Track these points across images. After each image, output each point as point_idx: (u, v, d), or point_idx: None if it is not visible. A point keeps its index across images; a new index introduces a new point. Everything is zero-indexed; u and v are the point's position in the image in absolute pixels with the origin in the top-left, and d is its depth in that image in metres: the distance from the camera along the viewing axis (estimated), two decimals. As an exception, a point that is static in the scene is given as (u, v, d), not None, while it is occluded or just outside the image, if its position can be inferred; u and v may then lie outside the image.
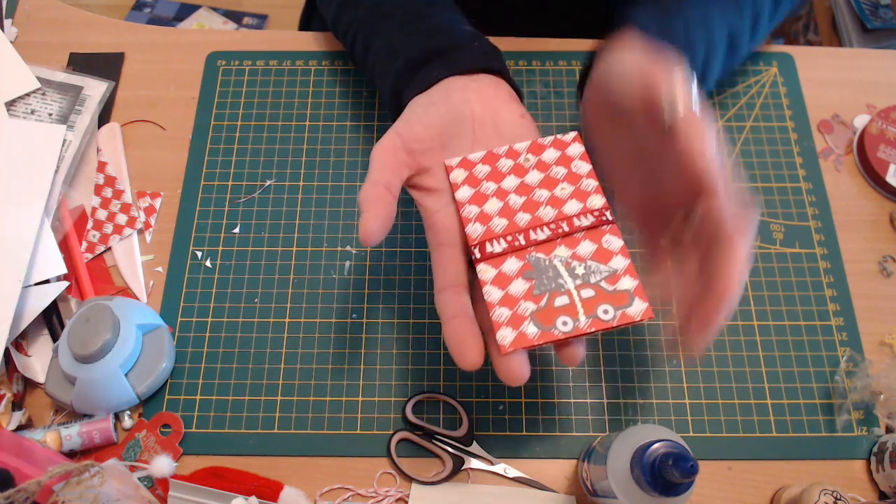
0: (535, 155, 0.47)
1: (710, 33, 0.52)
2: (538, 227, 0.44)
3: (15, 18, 0.74)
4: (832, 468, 0.55)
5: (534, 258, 0.44)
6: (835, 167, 0.67)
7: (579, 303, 0.42)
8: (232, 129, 0.68)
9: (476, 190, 0.46)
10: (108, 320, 0.53)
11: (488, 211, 0.45)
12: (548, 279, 0.43)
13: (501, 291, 0.43)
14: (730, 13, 0.55)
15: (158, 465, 0.51)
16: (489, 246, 0.44)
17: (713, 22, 0.53)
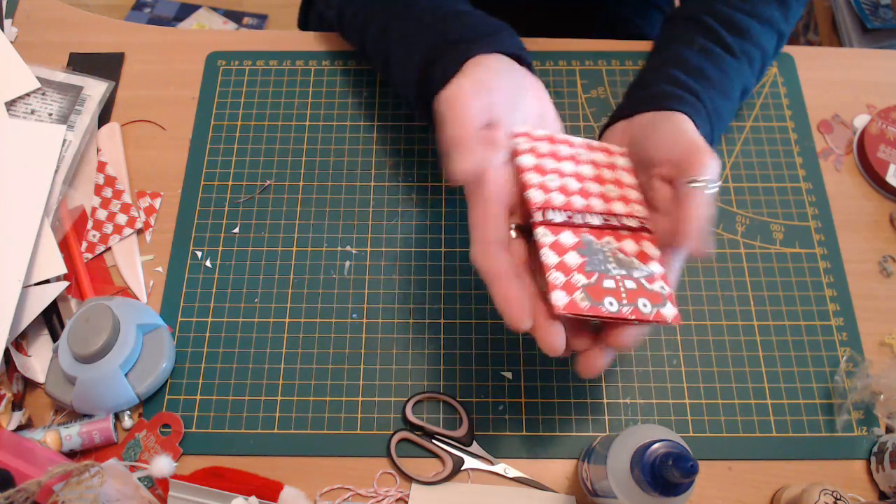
0: (587, 151, 0.50)
1: (731, 102, 0.59)
2: (591, 213, 0.47)
3: (15, 18, 0.74)
4: (832, 468, 0.55)
5: (587, 238, 0.46)
6: (835, 167, 0.67)
7: (623, 290, 0.44)
8: (232, 129, 0.68)
9: (538, 162, 0.47)
10: (108, 320, 0.53)
11: (548, 184, 0.47)
12: (598, 261, 0.45)
13: (558, 257, 0.44)
14: (745, 74, 0.59)
15: (158, 465, 0.51)
16: (549, 213, 0.46)
17: (734, 94, 0.59)
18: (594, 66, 0.71)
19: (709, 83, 0.56)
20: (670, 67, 0.57)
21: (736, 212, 0.64)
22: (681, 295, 0.61)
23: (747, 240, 0.63)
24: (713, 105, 0.55)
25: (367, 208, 0.64)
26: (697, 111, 0.53)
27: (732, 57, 0.59)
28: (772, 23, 0.61)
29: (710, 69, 0.57)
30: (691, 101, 0.54)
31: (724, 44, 0.59)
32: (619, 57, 0.71)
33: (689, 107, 0.53)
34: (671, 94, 0.54)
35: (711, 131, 0.55)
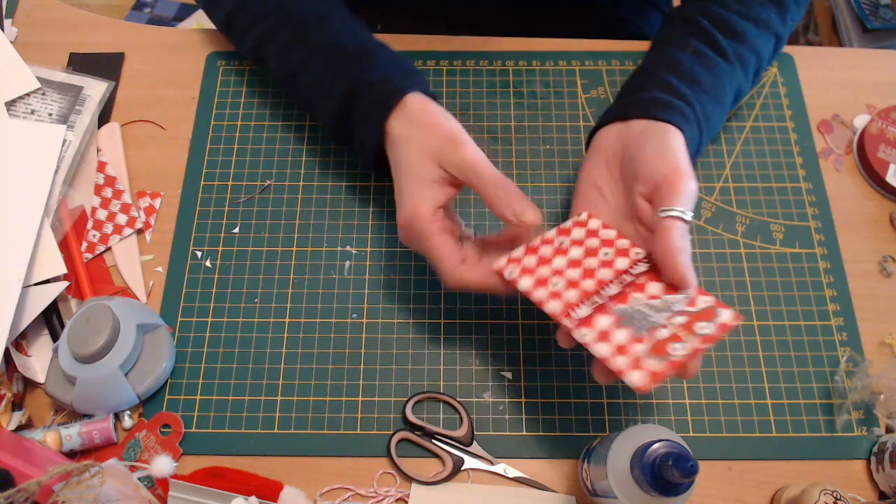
0: (566, 236, 0.51)
1: (723, 107, 0.59)
2: (605, 285, 0.48)
3: (15, 18, 0.74)
4: (832, 468, 0.55)
5: (619, 309, 0.47)
6: (835, 167, 0.67)
7: (679, 330, 0.45)
8: (232, 129, 0.68)
9: (535, 277, 0.49)
10: (108, 320, 0.53)
11: (555, 289, 0.48)
12: (640, 322, 0.46)
13: (609, 345, 0.45)
14: (738, 78, 0.60)
15: (158, 465, 0.51)
16: (574, 312, 0.47)
17: (726, 98, 0.59)
18: (594, 66, 0.71)
19: (700, 88, 0.57)
20: (663, 71, 0.58)
21: (736, 212, 0.64)
22: (681, 295, 0.61)
23: (747, 240, 0.63)
24: (703, 110, 0.56)
25: (367, 208, 0.64)
26: (687, 119, 0.54)
27: (725, 61, 0.59)
28: (768, 25, 0.61)
29: (702, 73, 0.57)
30: (681, 108, 0.54)
31: (718, 47, 0.59)
32: (619, 57, 0.71)
33: (679, 116, 0.53)
34: (663, 102, 0.54)
35: (700, 136, 0.55)
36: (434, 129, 0.52)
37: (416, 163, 0.51)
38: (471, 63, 0.71)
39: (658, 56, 0.61)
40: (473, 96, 0.69)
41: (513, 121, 0.68)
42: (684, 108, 0.54)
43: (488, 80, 0.70)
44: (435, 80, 0.70)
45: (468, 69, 0.71)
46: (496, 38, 0.72)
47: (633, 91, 0.58)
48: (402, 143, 0.53)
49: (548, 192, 0.65)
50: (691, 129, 0.54)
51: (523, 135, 0.68)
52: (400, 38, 0.72)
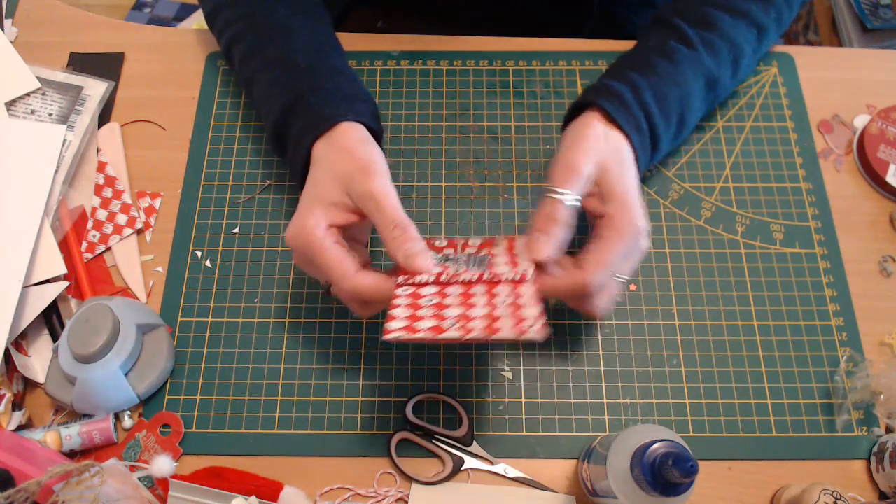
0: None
1: (684, 89, 0.59)
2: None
3: (15, 18, 0.74)
4: (832, 468, 0.55)
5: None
6: (835, 167, 0.67)
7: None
8: (232, 129, 0.68)
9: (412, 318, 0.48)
10: (108, 320, 0.53)
11: (429, 314, 0.48)
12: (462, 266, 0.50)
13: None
14: (705, 63, 0.60)
15: (158, 465, 0.51)
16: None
17: (690, 83, 0.59)
18: (594, 66, 0.71)
19: (652, 72, 0.57)
20: (621, 63, 0.60)
21: (736, 212, 0.64)
22: (681, 295, 0.61)
23: (747, 240, 0.63)
24: (654, 92, 0.56)
25: (367, 208, 0.64)
26: (623, 101, 0.55)
27: (688, 47, 0.59)
28: (748, 16, 0.61)
29: (657, 60, 0.58)
30: (619, 91, 0.55)
31: (682, 36, 0.60)
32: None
33: (611, 98, 0.55)
34: (603, 86, 0.56)
35: (648, 117, 0.56)
36: (350, 154, 0.51)
37: (322, 183, 0.51)
38: (471, 63, 0.71)
39: (625, 54, 0.62)
40: (473, 96, 0.69)
41: (513, 121, 0.68)
42: (622, 89, 0.56)
43: (488, 80, 0.70)
44: (435, 80, 0.70)
45: (468, 69, 0.71)
46: (496, 38, 0.72)
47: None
48: (316, 163, 0.52)
49: (548, 192, 0.65)
50: (628, 111, 0.55)
51: (523, 135, 0.68)
52: (400, 38, 0.72)
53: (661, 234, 0.63)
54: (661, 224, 0.64)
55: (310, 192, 0.51)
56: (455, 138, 0.67)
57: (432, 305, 0.47)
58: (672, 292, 0.61)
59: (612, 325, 0.60)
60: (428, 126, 0.68)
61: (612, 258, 0.49)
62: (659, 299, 0.61)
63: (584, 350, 0.59)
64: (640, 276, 0.61)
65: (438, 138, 0.67)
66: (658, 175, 0.66)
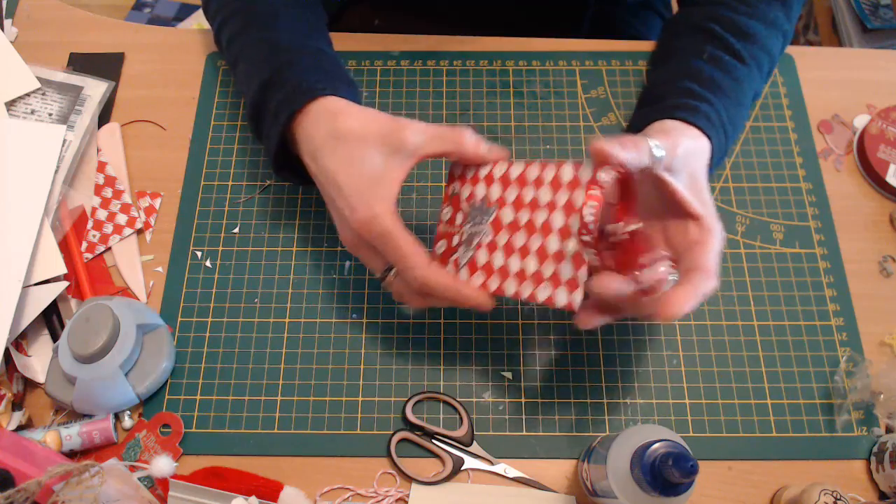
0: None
1: (744, 109, 0.59)
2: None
3: (15, 18, 0.74)
4: (832, 468, 0.55)
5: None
6: (835, 167, 0.67)
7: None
8: (232, 129, 0.68)
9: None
10: (108, 320, 0.53)
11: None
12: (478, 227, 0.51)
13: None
14: (755, 79, 0.60)
15: (158, 465, 0.51)
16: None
17: (747, 101, 0.60)
18: (594, 66, 0.71)
19: (722, 93, 0.56)
20: (684, 79, 0.57)
21: (736, 212, 0.64)
22: (681, 295, 0.61)
23: (747, 240, 0.63)
24: (728, 115, 0.55)
25: (367, 208, 0.64)
26: (713, 123, 0.53)
27: (742, 64, 0.59)
28: (776, 24, 0.61)
29: (722, 79, 0.57)
30: (707, 111, 0.54)
31: (733, 51, 0.59)
32: (619, 57, 0.71)
33: (705, 119, 0.53)
34: (689, 106, 0.54)
35: (726, 140, 0.55)
36: (366, 116, 0.50)
37: (359, 158, 0.48)
38: (471, 63, 0.71)
39: (674, 66, 0.60)
40: (473, 96, 0.69)
41: (513, 121, 0.68)
42: (709, 111, 0.54)
43: (488, 80, 0.70)
44: (435, 80, 0.70)
45: (468, 69, 0.71)
46: (496, 38, 0.72)
47: (651, 103, 0.58)
48: (332, 143, 0.49)
49: (548, 192, 0.65)
50: (717, 134, 0.54)
51: (523, 135, 0.68)
52: (400, 38, 0.72)
53: (661, 234, 0.63)
54: (661, 224, 0.63)
55: (354, 172, 0.48)
56: (455, 138, 0.67)
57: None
58: (672, 292, 0.61)
59: (612, 325, 0.59)
60: (428, 126, 0.68)
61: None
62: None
63: (584, 350, 0.59)
64: (640, 276, 0.61)
65: (438, 138, 0.67)
66: (658, 175, 0.66)
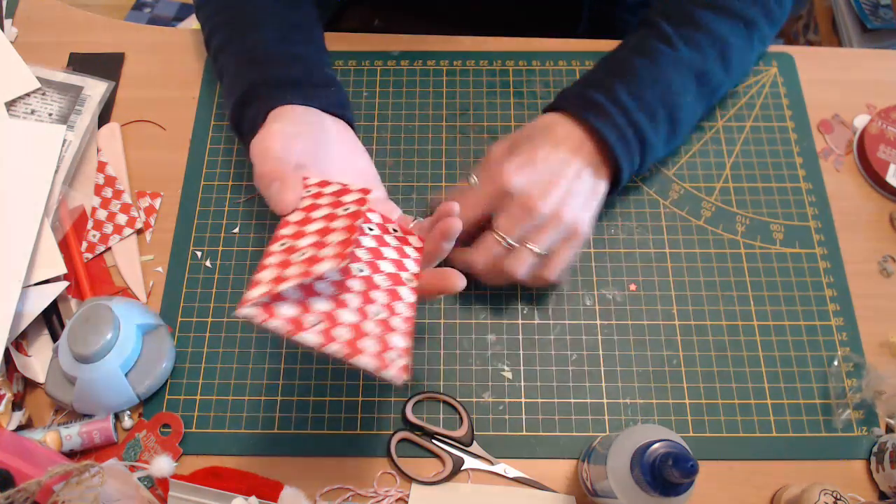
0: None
1: (666, 87, 0.59)
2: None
3: (15, 18, 0.74)
4: (832, 468, 0.55)
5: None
6: (835, 167, 0.67)
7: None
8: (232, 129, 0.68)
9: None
10: (108, 320, 0.53)
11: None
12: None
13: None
14: (692, 59, 0.60)
15: (158, 465, 0.51)
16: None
17: (676, 80, 0.59)
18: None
19: (631, 74, 0.58)
20: (596, 68, 0.61)
21: (736, 212, 0.64)
22: (681, 295, 0.61)
23: (747, 240, 0.63)
24: (632, 91, 0.57)
25: (367, 208, 0.64)
26: (588, 105, 0.57)
27: (668, 46, 0.60)
28: (730, 9, 0.61)
29: (638, 61, 0.59)
30: (591, 95, 0.57)
31: (661, 34, 0.60)
32: (619, 57, 0.71)
33: (574, 100, 0.58)
34: (574, 92, 0.59)
35: (627, 115, 0.57)
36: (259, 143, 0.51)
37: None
38: (471, 63, 0.71)
39: (606, 57, 0.63)
40: (473, 96, 0.69)
41: (513, 121, 0.68)
42: (595, 94, 0.57)
43: (488, 80, 0.70)
44: (435, 80, 0.70)
45: (468, 69, 0.71)
46: (496, 38, 0.72)
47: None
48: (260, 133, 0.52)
49: (548, 192, 0.65)
50: (599, 113, 0.56)
51: (523, 135, 0.68)
52: (399, 38, 0.72)
53: (661, 234, 0.63)
54: (661, 224, 0.64)
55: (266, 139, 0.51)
56: (455, 138, 0.67)
57: (298, 284, 0.41)
58: (672, 292, 0.61)
59: (612, 325, 0.60)
60: (428, 126, 0.68)
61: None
62: (659, 299, 0.61)
63: (584, 350, 0.59)
64: (640, 275, 0.61)
65: (438, 138, 0.67)
66: (658, 175, 0.66)
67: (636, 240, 0.63)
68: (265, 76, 0.55)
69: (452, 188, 0.58)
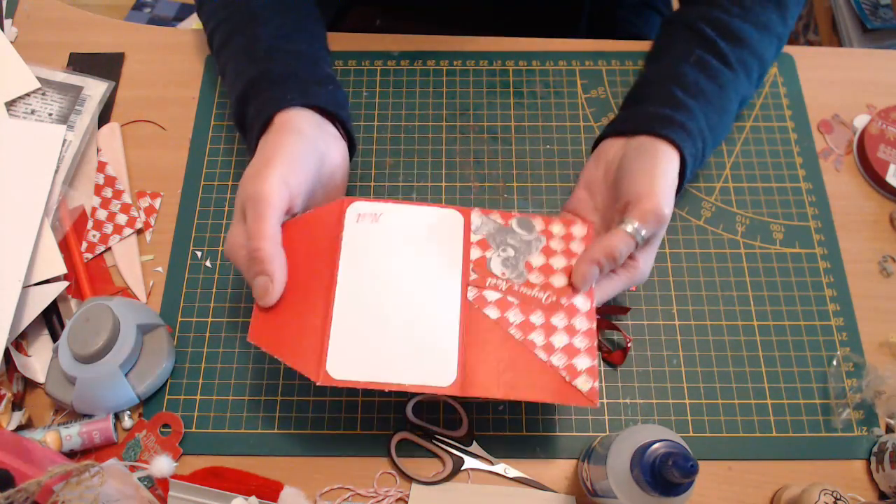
0: None
1: (728, 116, 0.60)
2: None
3: (15, 18, 0.74)
4: (832, 468, 0.55)
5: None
6: (835, 167, 0.67)
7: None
8: (232, 129, 0.68)
9: None
10: (108, 320, 0.53)
11: None
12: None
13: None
14: (742, 85, 0.60)
15: (158, 465, 0.51)
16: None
17: (731, 107, 0.60)
18: (594, 66, 0.71)
19: (705, 99, 0.57)
20: (668, 83, 0.58)
21: (736, 212, 0.64)
22: (681, 295, 0.61)
23: (747, 240, 0.63)
24: (708, 122, 0.56)
25: (367, 208, 0.64)
26: (690, 133, 0.54)
27: (729, 69, 0.59)
28: (770, 28, 0.61)
29: (706, 84, 0.58)
30: (683, 122, 0.54)
31: (721, 55, 0.59)
32: (619, 57, 0.71)
33: (681, 131, 0.54)
34: (666, 117, 0.55)
35: (703, 148, 0.56)
36: (261, 149, 0.51)
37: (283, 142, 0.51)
38: (471, 63, 0.71)
39: (662, 66, 0.61)
40: (473, 96, 0.69)
41: (513, 121, 0.68)
42: (686, 122, 0.54)
43: (488, 80, 0.70)
44: (435, 80, 0.70)
45: (468, 69, 0.71)
46: (496, 38, 0.72)
47: (637, 102, 0.59)
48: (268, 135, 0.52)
49: (548, 192, 0.65)
50: (692, 143, 0.54)
51: (523, 135, 0.68)
52: (400, 38, 0.72)
53: (661, 234, 0.63)
54: (661, 224, 0.64)
55: (268, 149, 0.51)
56: (455, 138, 0.67)
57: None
58: (672, 292, 0.61)
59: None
60: (428, 126, 0.68)
61: (610, 297, 0.53)
62: (659, 299, 0.61)
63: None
64: (640, 276, 0.61)
65: (438, 138, 0.67)
66: (658, 175, 0.66)
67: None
68: (265, 72, 0.55)
69: None
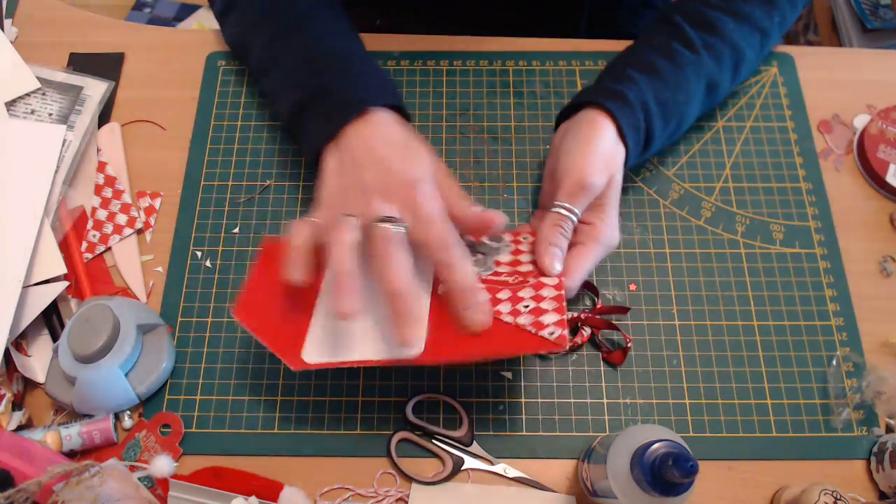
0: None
1: (685, 95, 0.60)
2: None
3: (15, 18, 0.74)
4: (832, 468, 0.55)
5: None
6: (835, 167, 0.67)
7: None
8: (232, 129, 0.68)
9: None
10: (108, 320, 0.53)
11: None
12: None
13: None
14: (707, 67, 0.60)
15: (158, 465, 0.51)
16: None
17: (692, 88, 0.60)
18: (594, 66, 0.71)
19: (656, 75, 0.58)
20: (622, 63, 0.60)
21: (736, 212, 0.64)
22: (681, 295, 0.61)
23: (747, 240, 0.63)
24: (656, 95, 0.57)
25: (367, 208, 0.64)
26: (625, 100, 0.56)
27: (692, 52, 0.60)
28: (750, 20, 0.61)
29: (660, 62, 0.59)
30: (622, 91, 0.56)
31: (685, 39, 0.60)
32: (619, 57, 0.71)
33: (613, 98, 0.56)
34: (599, 88, 0.58)
35: (649, 119, 0.57)
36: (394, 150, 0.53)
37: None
38: (471, 63, 0.71)
39: (624, 52, 0.63)
40: (473, 96, 0.69)
41: (513, 121, 0.68)
42: (624, 90, 0.56)
43: (488, 80, 0.70)
44: (435, 80, 0.70)
45: (468, 69, 0.71)
46: (496, 38, 0.72)
47: (591, 85, 0.61)
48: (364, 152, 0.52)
49: (548, 192, 0.65)
50: (631, 112, 0.56)
51: (523, 135, 0.68)
52: (400, 38, 0.72)
53: (661, 234, 0.63)
54: (661, 224, 0.64)
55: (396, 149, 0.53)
56: (455, 138, 0.67)
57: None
58: (672, 292, 0.61)
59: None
60: (428, 126, 0.68)
61: (590, 267, 0.53)
62: (659, 299, 0.61)
63: (583, 350, 0.59)
64: (641, 276, 0.61)
65: (438, 138, 0.67)
66: (658, 175, 0.66)
67: (636, 240, 0.63)
68: (339, 69, 0.57)
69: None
